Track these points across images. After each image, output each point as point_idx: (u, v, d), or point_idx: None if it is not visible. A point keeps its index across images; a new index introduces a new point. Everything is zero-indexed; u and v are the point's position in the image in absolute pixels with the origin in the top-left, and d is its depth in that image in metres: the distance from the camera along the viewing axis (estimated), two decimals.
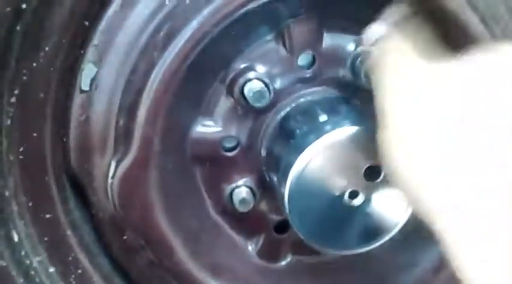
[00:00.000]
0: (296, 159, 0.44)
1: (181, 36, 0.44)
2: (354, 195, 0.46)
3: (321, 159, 0.44)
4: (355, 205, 0.45)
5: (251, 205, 0.52)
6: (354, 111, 0.50)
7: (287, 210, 0.45)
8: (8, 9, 0.42)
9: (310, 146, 0.44)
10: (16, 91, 0.46)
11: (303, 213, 0.46)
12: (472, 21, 0.40)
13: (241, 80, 0.49)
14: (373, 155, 0.43)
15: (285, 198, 0.45)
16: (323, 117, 0.48)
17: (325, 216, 0.46)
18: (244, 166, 0.52)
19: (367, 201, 0.46)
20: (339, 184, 0.45)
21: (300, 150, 0.45)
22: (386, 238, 0.47)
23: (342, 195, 0.45)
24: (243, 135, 0.51)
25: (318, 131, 0.46)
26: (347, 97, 0.52)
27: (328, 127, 0.46)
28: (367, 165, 0.45)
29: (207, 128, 0.50)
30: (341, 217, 0.46)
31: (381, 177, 0.45)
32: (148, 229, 0.50)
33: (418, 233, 0.42)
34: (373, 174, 0.45)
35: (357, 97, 0.52)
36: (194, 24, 0.44)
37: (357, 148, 0.44)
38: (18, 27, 0.43)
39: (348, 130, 0.45)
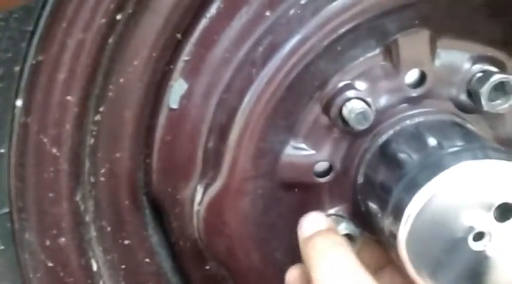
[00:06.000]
0: (411, 196, 0.36)
1: (282, 51, 0.38)
2: (480, 237, 0.37)
3: (441, 197, 0.36)
4: (481, 249, 0.37)
5: None
6: (471, 138, 0.42)
7: (399, 247, 0.38)
8: (103, 20, 0.38)
9: (429, 183, 0.36)
10: (101, 109, 0.41)
11: (416, 255, 0.38)
12: None
13: (339, 99, 0.42)
14: (503, 191, 0.36)
15: (398, 236, 0.37)
16: (436, 145, 0.40)
17: (443, 260, 0.37)
18: (337, 193, 0.44)
19: (495, 244, 0.37)
20: (463, 224, 0.36)
21: (414, 185, 0.37)
22: None
23: (465, 237, 0.37)
24: (337, 159, 0.44)
25: (435, 164, 0.37)
26: (460, 121, 0.44)
27: (446, 160, 0.37)
28: (497, 203, 0.36)
29: (299, 151, 0.43)
30: (463, 263, 0.37)
31: None
32: (234, 261, 0.43)
33: None
34: (504, 213, 0.36)
35: (470, 120, 0.44)
36: (297, 38, 0.38)
37: (483, 184, 0.36)
38: (110, 40, 0.39)
39: (472, 164, 0.36)
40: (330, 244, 0.39)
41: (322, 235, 0.41)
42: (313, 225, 0.42)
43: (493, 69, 0.42)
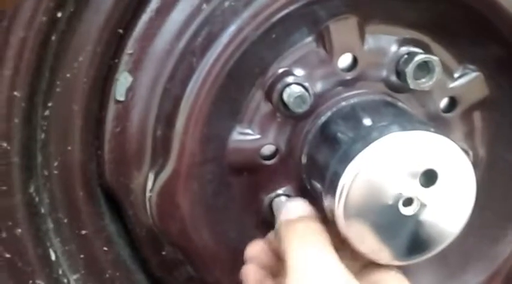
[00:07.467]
0: (344, 168, 0.39)
1: (220, 41, 0.40)
2: (409, 202, 0.40)
3: (372, 167, 0.38)
4: (411, 213, 0.39)
5: None
6: (400, 113, 0.45)
7: (337, 220, 0.40)
8: (44, 18, 0.39)
9: (360, 154, 0.38)
10: (50, 104, 0.42)
11: (353, 223, 0.40)
12: None
13: (279, 85, 0.44)
14: (427, 159, 0.39)
15: (335, 208, 0.39)
16: (368, 122, 0.43)
17: (379, 226, 0.40)
18: (284, 174, 0.47)
19: (423, 208, 0.39)
20: (393, 192, 0.39)
21: (347, 158, 0.39)
22: (445, 244, 0.41)
23: (396, 204, 0.39)
24: (282, 142, 0.46)
25: (366, 137, 0.40)
26: (391, 100, 0.46)
27: (376, 133, 0.40)
28: (422, 170, 0.39)
29: (245, 136, 0.45)
30: (398, 228, 0.40)
31: (437, 182, 0.40)
32: (188, 243, 0.45)
33: None
34: (429, 179, 0.39)
35: (401, 99, 0.47)
36: (233, 28, 0.40)
37: (410, 153, 0.39)
38: (53, 37, 0.40)
39: (399, 135, 0.39)
40: (310, 231, 0.40)
41: (304, 221, 0.42)
42: (297, 210, 0.43)
43: (418, 50, 0.46)
